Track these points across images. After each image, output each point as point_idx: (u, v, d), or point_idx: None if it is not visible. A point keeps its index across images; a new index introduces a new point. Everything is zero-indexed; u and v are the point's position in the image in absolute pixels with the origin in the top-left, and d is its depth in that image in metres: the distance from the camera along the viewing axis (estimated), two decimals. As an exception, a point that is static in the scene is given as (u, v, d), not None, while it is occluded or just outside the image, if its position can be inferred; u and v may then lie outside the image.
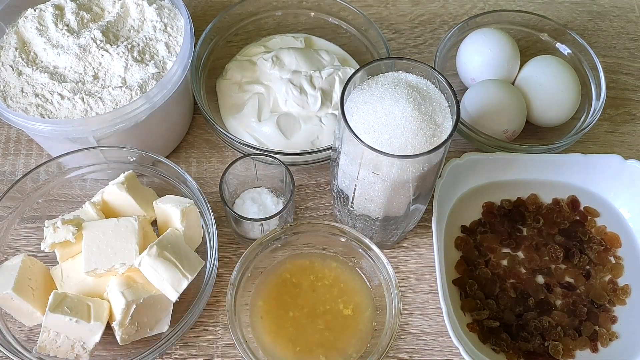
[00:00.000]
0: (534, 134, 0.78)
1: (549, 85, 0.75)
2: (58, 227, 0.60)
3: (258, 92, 0.74)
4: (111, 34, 0.69)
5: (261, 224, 0.66)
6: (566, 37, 0.80)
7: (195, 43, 0.72)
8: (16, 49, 0.68)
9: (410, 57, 0.72)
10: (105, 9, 0.72)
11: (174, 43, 0.70)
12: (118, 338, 0.60)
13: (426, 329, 0.66)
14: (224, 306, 0.66)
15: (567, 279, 0.69)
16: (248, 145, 0.69)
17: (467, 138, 0.74)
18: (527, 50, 0.82)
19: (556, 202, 0.73)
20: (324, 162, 0.72)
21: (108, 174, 0.70)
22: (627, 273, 0.70)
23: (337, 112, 0.72)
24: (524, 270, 0.69)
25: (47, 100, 0.65)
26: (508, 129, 0.73)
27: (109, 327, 0.61)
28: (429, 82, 0.57)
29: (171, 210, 0.64)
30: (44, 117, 0.65)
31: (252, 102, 0.74)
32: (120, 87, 0.66)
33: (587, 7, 0.91)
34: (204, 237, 0.67)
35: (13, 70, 0.67)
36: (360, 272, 0.67)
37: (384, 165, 0.54)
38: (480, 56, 0.77)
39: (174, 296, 0.60)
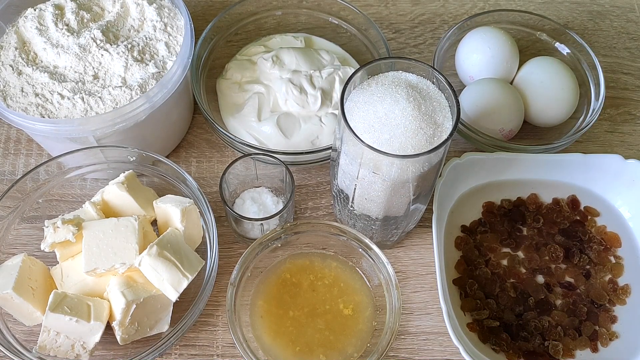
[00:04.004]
0: (532, 134, 0.78)
1: (547, 85, 0.75)
2: (58, 227, 0.60)
3: (258, 91, 0.74)
4: (111, 34, 0.69)
5: (261, 224, 0.66)
6: (565, 37, 0.80)
7: (195, 43, 0.72)
8: (16, 48, 0.68)
9: (411, 57, 0.72)
10: (105, 9, 0.72)
11: (174, 43, 0.70)
12: (118, 338, 0.60)
13: (426, 329, 0.66)
14: (224, 306, 0.66)
15: (567, 278, 0.69)
16: (248, 145, 0.69)
17: (464, 137, 0.74)
18: (526, 50, 0.82)
19: (556, 201, 0.73)
20: (324, 161, 0.72)
21: (108, 174, 0.70)
22: (627, 273, 0.70)
23: (337, 112, 0.72)
24: (524, 270, 0.69)
25: (47, 99, 0.65)
26: (504, 127, 0.73)
27: (109, 327, 0.60)
28: (429, 81, 0.57)
29: (171, 210, 0.64)
30: (44, 117, 0.64)
31: (252, 101, 0.74)
32: (120, 86, 0.66)
33: (587, 7, 0.91)
34: (204, 237, 0.67)
35: (13, 69, 0.67)
36: (360, 271, 0.67)
37: (384, 164, 0.54)
38: (478, 54, 0.77)
39: (174, 296, 0.60)
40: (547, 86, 0.75)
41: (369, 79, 0.57)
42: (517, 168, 0.72)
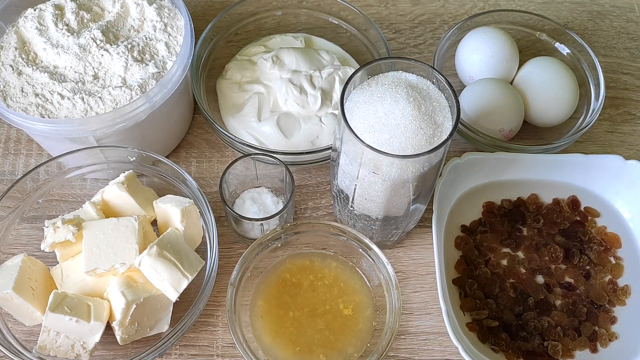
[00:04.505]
0: (532, 134, 0.78)
1: (547, 85, 0.75)
2: (58, 227, 0.60)
3: (258, 91, 0.74)
4: (111, 34, 0.69)
5: (261, 224, 0.66)
6: (565, 37, 0.80)
7: (195, 43, 0.72)
8: (16, 48, 0.68)
9: (411, 57, 0.72)
10: (105, 9, 0.72)
11: (174, 43, 0.70)
12: (118, 338, 0.60)
13: (426, 329, 0.66)
14: (224, 306, 0.66)
15: (567, 279, 0.69)
16: (248, 145, 0.69)
17: (464, 137, 0.74)
18: (526, 50, 0.82)
19: (556, 202, 0.73)
20: (324, 162, 0.72)
21: (108, 174, 0.70)
22: (627, 273, 0.70)
23: (337, 112, 0.72)
24: (523, 270, 0.69)
25: (47, 100, 0.65)
26: (504, 127, 0.73)
27: (109, 327, 0.61)
28: (429, 81, 0.57)
29: (171, 210, 0.64)
30: (44, 117, 0.64)
31: (252, 101, 0.74)
32: (120, 86, 0.66)
33: (587, 7, 0.91)
34: (204, 237, 0.67)
35: (13, 70, 0.67)
36: (360, 271, 0.67)
37: (384, 164, 0.54)
38: (479, 54, 0.77)
39: (174, 296, 0.60)
40: (547, 86, 0.75)
41: (369, 79, 0.57)
42: (517, 168, 0.72)
